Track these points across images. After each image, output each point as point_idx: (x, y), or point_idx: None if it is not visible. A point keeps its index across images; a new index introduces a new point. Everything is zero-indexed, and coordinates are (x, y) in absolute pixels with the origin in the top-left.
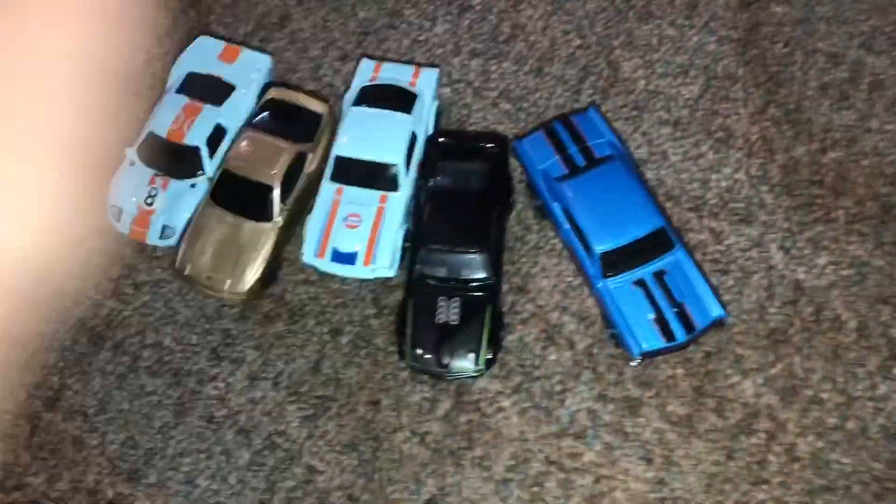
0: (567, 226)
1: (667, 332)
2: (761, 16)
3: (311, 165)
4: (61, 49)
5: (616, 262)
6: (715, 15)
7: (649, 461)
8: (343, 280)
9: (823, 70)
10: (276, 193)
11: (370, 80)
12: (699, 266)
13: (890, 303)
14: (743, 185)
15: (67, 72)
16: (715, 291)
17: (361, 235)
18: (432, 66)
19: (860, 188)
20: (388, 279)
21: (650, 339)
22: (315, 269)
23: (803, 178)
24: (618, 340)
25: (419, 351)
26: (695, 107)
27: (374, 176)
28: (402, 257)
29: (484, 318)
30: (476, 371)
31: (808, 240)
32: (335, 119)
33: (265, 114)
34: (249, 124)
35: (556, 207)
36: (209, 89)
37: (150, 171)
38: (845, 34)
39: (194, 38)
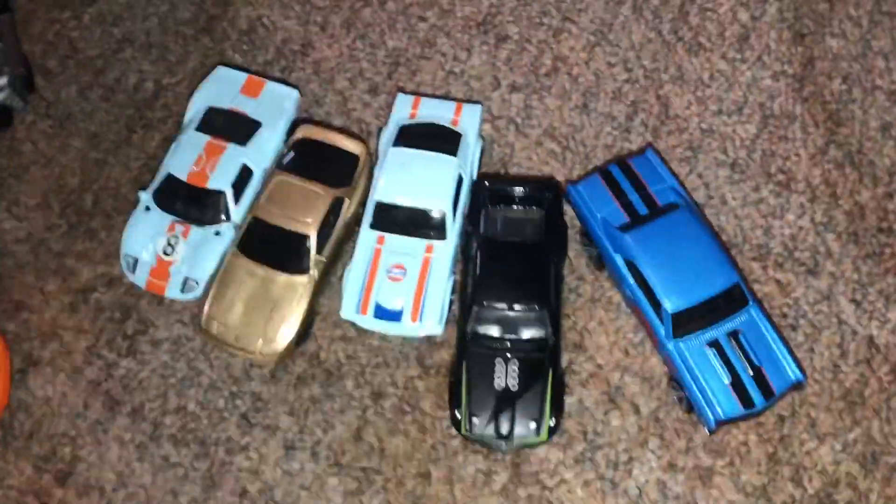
0: (631, 280)
1: (744, 398)
2: (816, 50)
3: (348, 212)
4: None
5: (688, 321)
6: (768, 48)
7: None
8: (383, 336)
9: (884, 108)
10: (313, 244)
11: (409, 118)
12: (774, 324)
13: None
14: (808, 233)
15: None
16: (791, 352)
17: (407, 289)
18: (474, 102)
19: None
20: (432, 339)
21: (727, 405)
22: (354, 326)
23: (870, 224)
24: (688, 405)
25: (476, 419)
26: (752, 147)
27: (418, 223)
28: (449, 313)
29: (546, 382)
30: (538, 441)
31: (879, 292)
32: (372, 160)
33: (296, 154)
34: (279, 166)
35: (617, 259)
36: (232, 126)
37: (168, 218)
38: None
39: (209, 68)
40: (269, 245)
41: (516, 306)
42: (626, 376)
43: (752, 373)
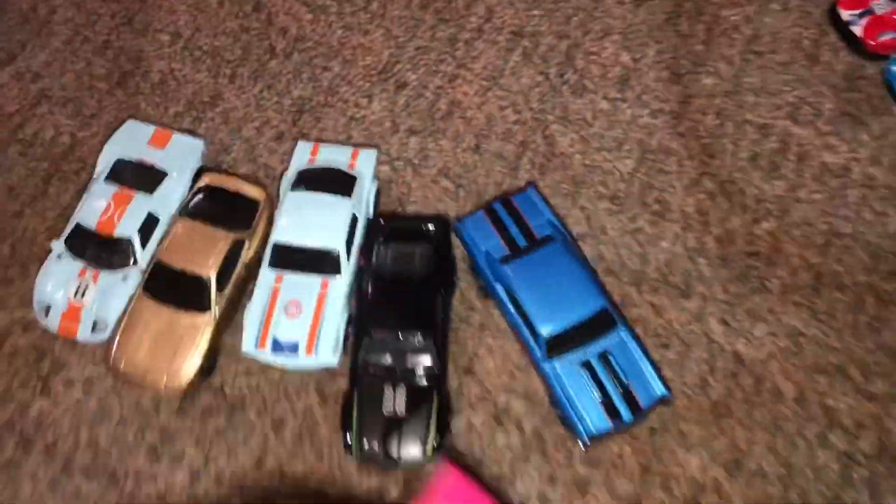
0: (511, 308)
1: (613, 414)
2: (692, 88)
3: (248, 253)
4: None
5: (561, 343)
6: (647, 88)
7: None
8: (283, 372)
9: (754, 141)
10: (213, 284)
11: (308, 163)
12: (642, 344)
13: (826, 372)
14: (681, 258)
15: None
16: (658, 370)
17: (303, 324)
18: (370, 146)
19: (793, 258)
20: (329, 369)
21: (597, 421)
22: (256, 361)
23: (739, 249)
24: (565, 422)
25: (366, 445)
26: (630, 181)
27: (314, 261)
28: (345, 343)
29: (431, 406)
30: (425, 459)
31: (745, 311)
32: (272, 204)
33: (199, 200)
34: (183, 211)
35: (499, 288)
36: (140, 176)
37: (79, 264)
38: (772, 105)
39: (122, 120)
40: (171, 287)
41: (403, 336)
42: (511, 398)
43: (620, 390)
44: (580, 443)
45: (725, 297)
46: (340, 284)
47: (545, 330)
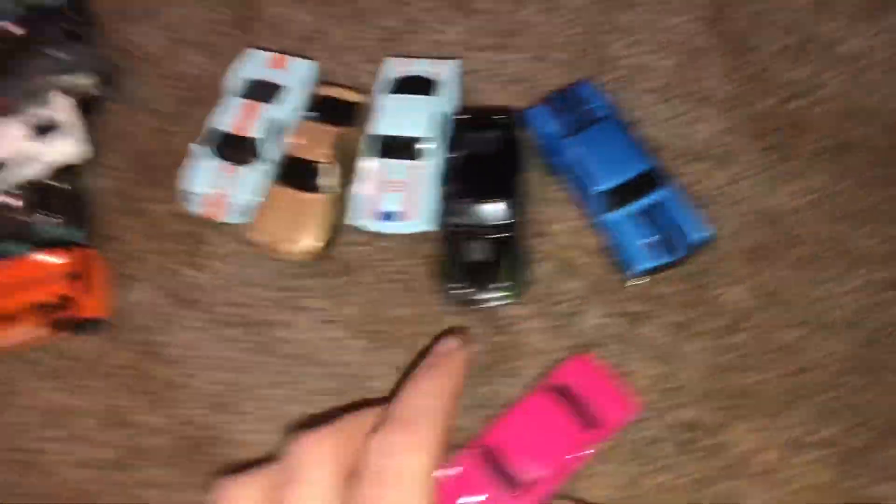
0: (571, 175)
1: (661, 253)
2: None
3: (354, 145)
4: None
5: (613, 199)
6: (687, 1)
7: (654, 360)
8: (389, 238)
9: (783, 35)
10: (328, 168)
11: (398, 74)
12: (684, 198)
13: (847, 221)
14: (717, 136)
15: None
16: (699, 218)
17: (402, 197)
18: (452, 58)
19: (821, 128)
20: (426, 235)
21: (645, 259)
22: (364, 230)
23: (770, 125)
24: (620, 266)
25: (455, 284)
26: (672, 76)
27: (407, 149)
28: (436, 213)
29: (509, 252)
30: (504, 298)
31: (778, 173)
32: (370, 107)
33: (313, 106)
34: (301, 115)
35: (559, 161)
36: (263, 91)
37: (217, 162)
38: (798, 6)
39: (244, 53)
40: (296, 173)
41: (483, 199)
42: (576, 252)
43: (667, 234)
44: (632, 280)
45: (759, 163)
46: (430, 167)
47: (600, 187)
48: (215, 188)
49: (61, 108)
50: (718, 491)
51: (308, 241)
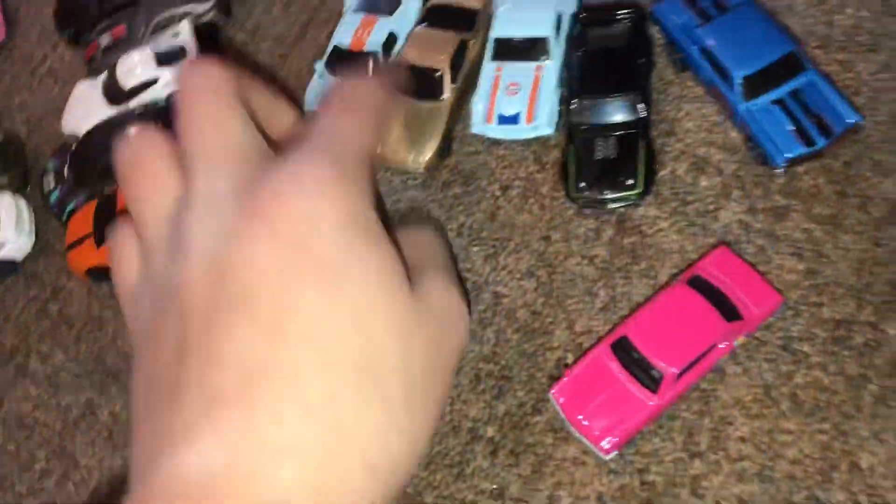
0: (707, 64)
1: (806, 139)
2: None
3: (472, 51)
4: None
5: (754, 85)
6: None
7: (800, 256)
8: (508, 146)
9: None
10: (447, 75)
11: None
12: (832, 82)
13: None
14: (866, 20)
15: None
16: (849, 102)
17: (522, 100)
18: None
19: None
20: (547, 140)
21: (791, 147)
22: (484, 136)
23: None
24: (763, 158)
25: (583, 184)
26: None
27: (528, 50)
28: (559, 119)
29: (638, 149)
30: (635, 195)
31: None
32: (488, 16)
33: (429, 15)
34: (417, 24)
35: (694, 51)
36: (381, 3)
37: (335, 79)
38: None
39: None
40: (413, 82)
41: (610, 95)
42: (710, 149)
43: (813, 120)
44: (777, 169)
45: None
46: (552, 67)
47: (739, 73)
48: None
49: (183, 35)
50: (874, 390)
51: (426, 152)
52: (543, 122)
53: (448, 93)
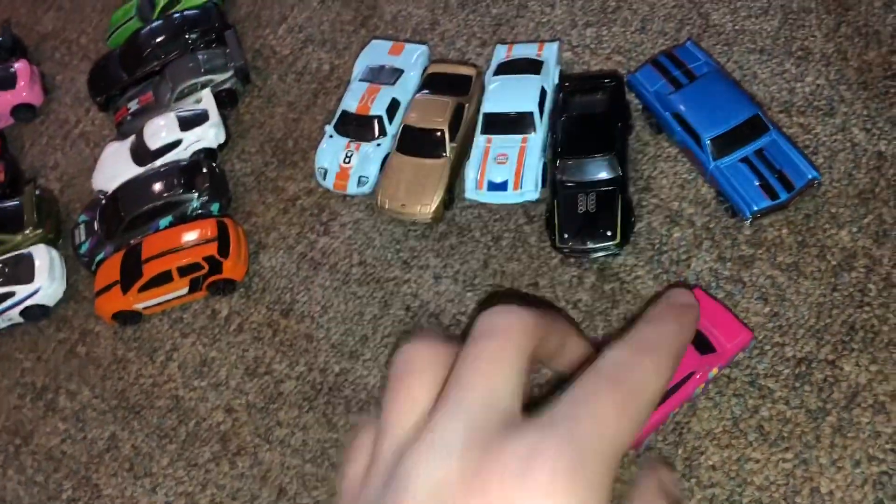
0: (679, 128)
1: (770, 193)
2: None
3: (468, 114)
4: None
5: (722, 146)
6: None
7: (765, 300)
8: (500, 204)
9: None
10: (446, 135)
11: (504, 58)
12: (792, 143)
13: None
14: (824, 88)
15: None
16: (808, 159)
17: (510, 169)
18: (553, 40)
19: None
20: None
21: (758, 200)
22: (476, 202)
23: (876, 74)
24: (732, 210)
25: (566, 235)
26: (776, 36)
27: (514, 124)
28: (543, 184)
29: (616, 204)
30: (614, 245)
31: (886, 119)
32: (482, 83)
33: (428, 82)
34: (418, 91)
35: (667, 116)
36: (384, 75)
37: (345, 139)
38: None
39: (367, 44)
40: (416, 142)
41: (590, 156)
42: (683, 203)
43: (776, 175)
44: (744, 220)
45: (866, 111)
46: (536, 138)
47: (708, 135)
48: (342, 163)
49: (205, 102)
50: (832, 422)
51: (429, 203)
52: (530, 189)
53: (449, 151)
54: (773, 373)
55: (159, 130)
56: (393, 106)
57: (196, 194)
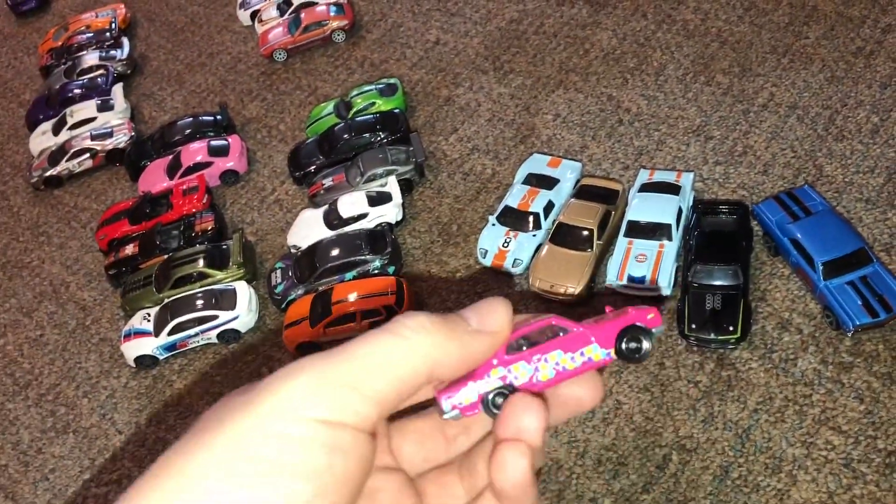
0: (795, 252)
1: (871, 312)
2: None
3: (613, 219)
4: None
5: (832, 269)
6: (892, 135)
7: (861, 399)
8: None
9: None
10: (594, 233)
11: (648, 179)
12: (893, 275)
13: None
14: None
15: None
16: None
17: (648, 266)
18: (689, 170)
19: None
20: (666, 297)
21: (860, 316)
22: (615, 290)
23: None
24: (836, 323)
25: (693, 326)
26: (881, 190)
27: (654, 231)
28: (675, 283)
29: (738, 305)
30: (734, 339)
31: None
32: (626, 197)
33: (581, 191)
34: (573, 196)
35: (785, 241)
36: (542, 181)
37: (505, 228)
38: None
39: (530, 155)
40: (568, 236)
41: (719, 264)
42: (793, 314)
43: (877, 298)
44: (846, 333)
45: None
46: (672, 246)
47: (821, 258)
48: (501, 247)
49: (390, 186)
50: None
51: (575, 286)
52: (664, 285)
53: (595, 247)
54: (866, 459)
55: (352, 203)
56: (549, 206)
57: (378, 257)
